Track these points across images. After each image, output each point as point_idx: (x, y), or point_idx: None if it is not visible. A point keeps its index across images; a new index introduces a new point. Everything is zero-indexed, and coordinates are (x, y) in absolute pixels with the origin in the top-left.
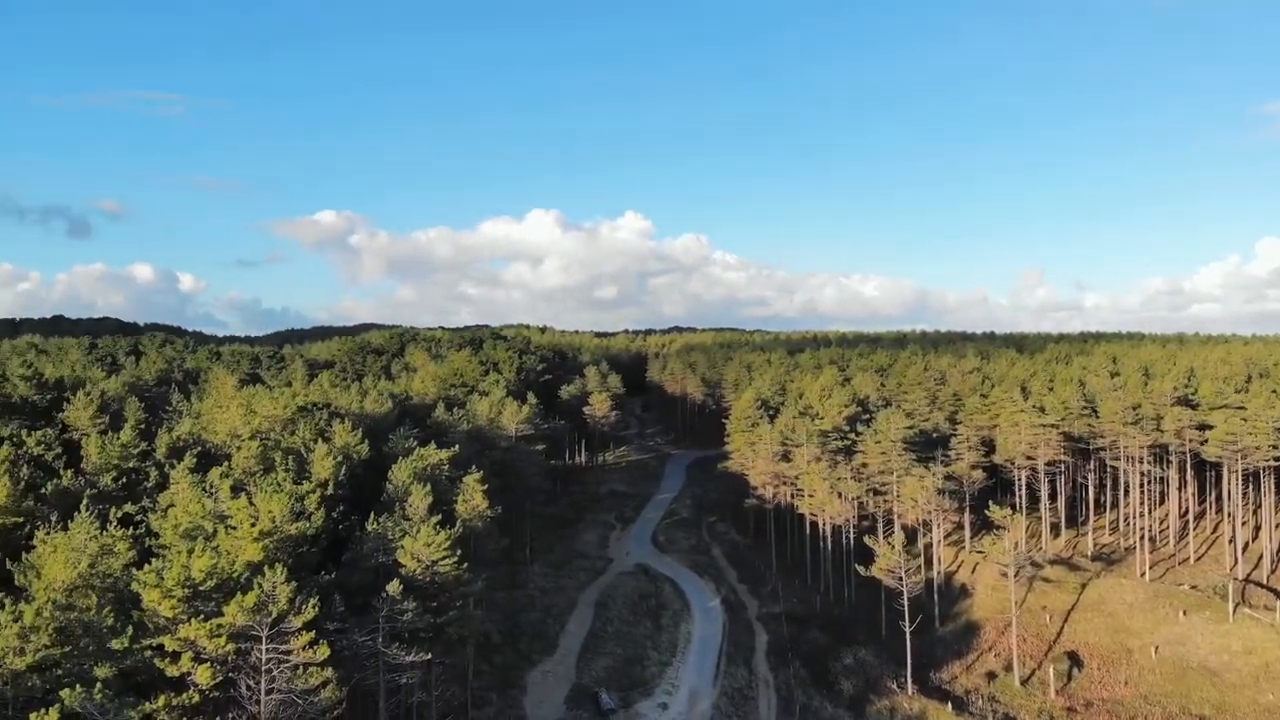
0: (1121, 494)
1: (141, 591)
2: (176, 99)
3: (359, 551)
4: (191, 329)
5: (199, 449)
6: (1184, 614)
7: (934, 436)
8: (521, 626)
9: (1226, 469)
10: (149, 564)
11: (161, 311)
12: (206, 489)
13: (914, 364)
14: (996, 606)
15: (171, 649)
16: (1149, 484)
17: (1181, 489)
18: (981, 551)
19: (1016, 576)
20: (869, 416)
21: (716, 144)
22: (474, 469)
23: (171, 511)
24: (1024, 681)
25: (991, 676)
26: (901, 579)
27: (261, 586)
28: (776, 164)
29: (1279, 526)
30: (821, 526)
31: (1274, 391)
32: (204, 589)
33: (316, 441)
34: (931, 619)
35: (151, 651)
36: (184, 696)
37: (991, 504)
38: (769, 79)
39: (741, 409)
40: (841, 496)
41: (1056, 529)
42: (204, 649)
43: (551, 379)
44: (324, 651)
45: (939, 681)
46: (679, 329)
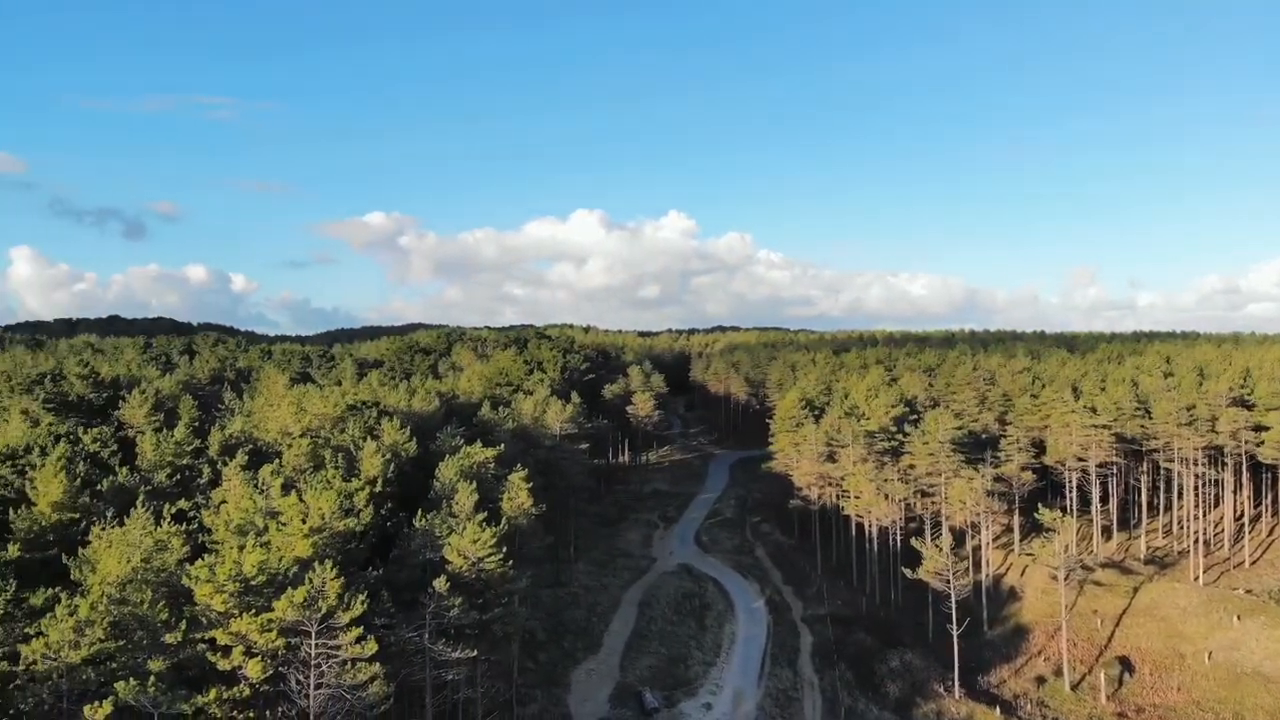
0: (1175, 496)
1: (194, 586)
2: (228, 102)
3: (406, 548)
4: (243, 329)
5: (251, 446)
6: (1238, 619)
7: (983, 437)
8: (566, 624)
9: None
10: (201, 559)
11: (214, 311)
12: (258, 486)
13: (963, 364)
14: (1046, 610)
15: (223, 643)
16: (1203, 486)
17: (1237, 491)
18: (1031, 554)
19: (1067, 580)
20: (916, 417)
21: (761, 142)
22: (519, 467)
23: (224, 508)
24: (1074, 686)
25: (1041, 681)
26: (949, 582)
27: (311, 582)
28: (822, 161)
29: None
30: (867, 528)
31: None
32: (255, 584)
33: (365, 439)
34: (980, 622)
35: (204, 645)
36: (235, 690)
37: (1041, 506)
38: (814, 74)
39: (786, 409)
40: (888, 498)
41: (1108, 532)
42: (255, 643)
43: (595, 378)
44: (372, 647)
45: (987, 685)
46: (722, 328)
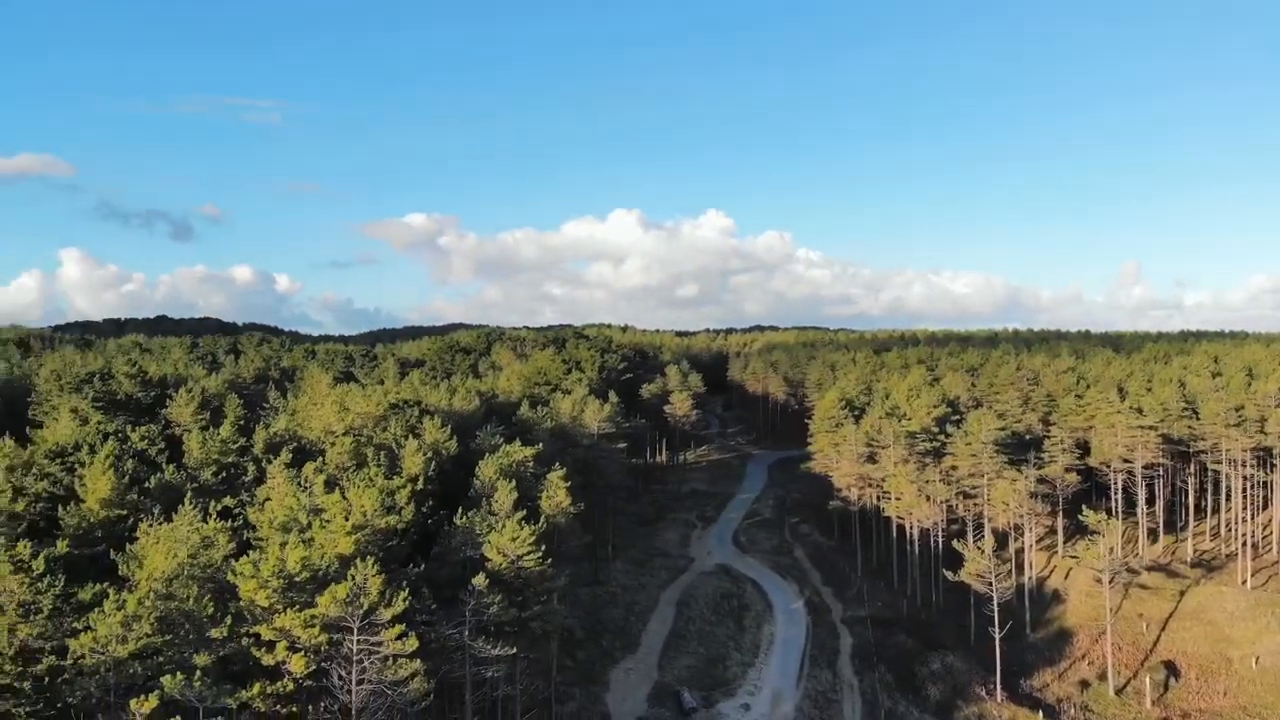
0: (1223, 498)
1: (238, 582)
2: (271, 105)
3: (447, 545)
4: (288, 328)
5: (295, 444)
6: None
7: (1026, 438)
8: (604, 623)
9: None
10: (246, 556)
11: (259, 311)
12: (302, 483)
13: (1006, 363)
14: (1090, 613)
15: (267, 638)
16: (1252, 488)
17: None
18: (1075, 557)
19: (1111, 583)
20: (959, 417)
21: (800, 139)
22: (557, 466)
23: (268, 505)
24: (1119, 691)
25: (1085, 685)
26: (991, 584)
27: (353, 579)
28: (861, 158)
29: None
30: (908, 529)
31: None
32: (298, 580)
33: (407, 438)
34: (1022, 625)
35: (248, 640)
36: (279, 685)
37: (1086, 508)
38: (853, 68)
39: (825, 409)
40: (930, 499)
41: (1154, 534)
42: (298, 639)
43: (632, 378)
44: (413, 643)
45: (1029, 689)
46: (760, 328)
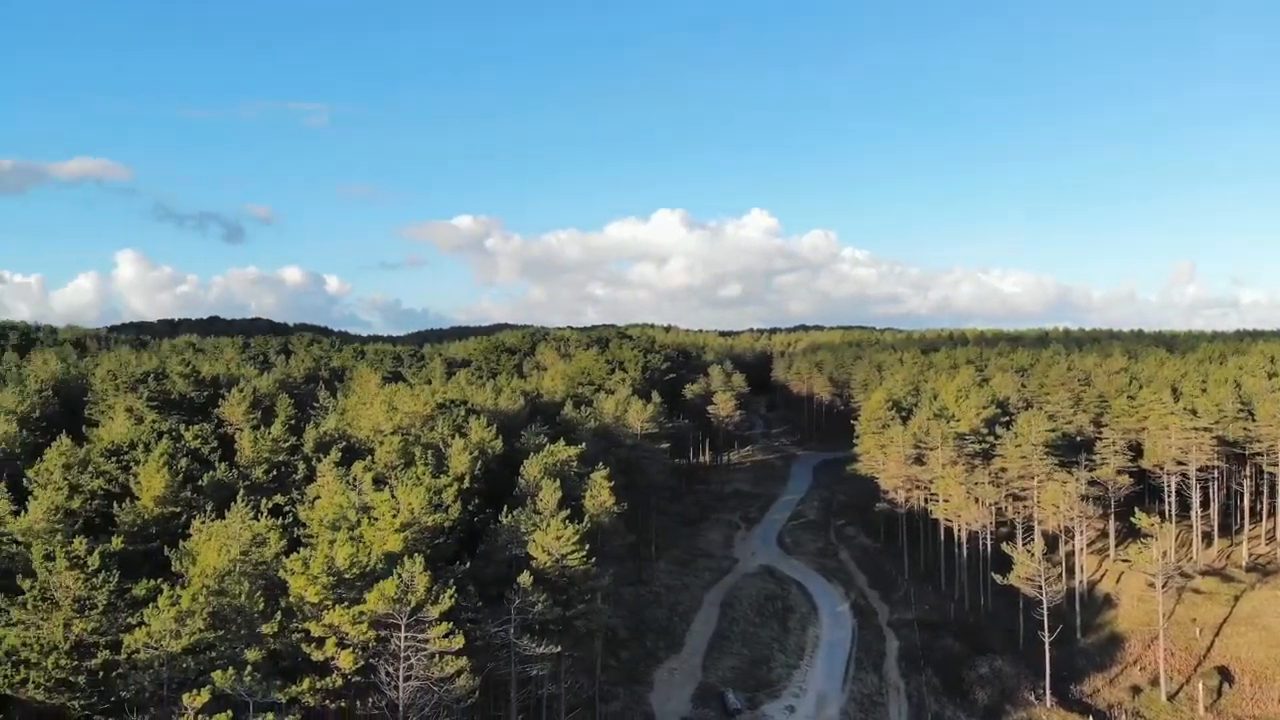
0: (1279, 501)
1: (289, 579)
2: (320, 108)
3: (493, 544)
4: (337, 329)
5: (344, 443)
6: None
7: (1077, 440)
8: (647, 623)
9: None
10: (296, 553)
11: (309, 312)
12: (351, 482)
13: (1056, 364)
14: (1142, 618)
15: (317, 634)
16: None
17: None
18: (1127, 560)
19: (1164, 587)
20: (1008, 419)
21: (845, 138)
22: (601, 466)
23: (318, 503)
24: (1171, 697)
25: (1136, 691)
26: (1041, 588)
27: (400, 576)
28: (908, 156)
29: None
30: (956, 532)
31: None
32: (347, 577)
33: (454, 437)
34: (1073, 629)
35: (298, 636)
36: (327, 680)
37: (1138, 511)
38: (899, 64)
39: (872, 410)
40: (978, 501)
41: (1208, 538)
42: (347, 635)
43: (675, 378)
44: (459, 641)
45: (1079, 694)
46: (805, 327)
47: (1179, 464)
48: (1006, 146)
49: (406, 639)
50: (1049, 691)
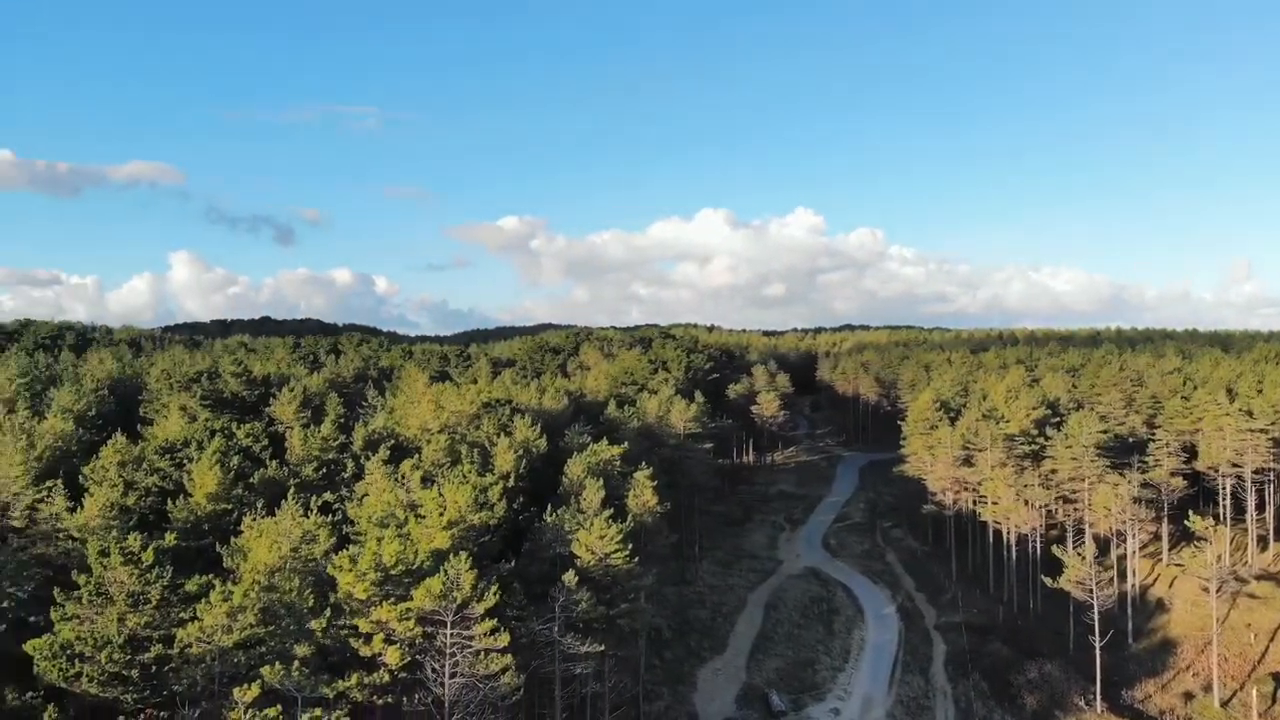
0: None
1: (337, 575)
2: (370, 111)
3: (537, 542)
4: (386, 329)
5: (392, 442)
6: None
7: (1130, 441)
8: (691, 623)
9: None
10: (345, 550)
11: (358, 313)
12: (399, 480)
13: (1109, 364)
14: (1196, 623)
15: (364, 630)
16: None
17: None
18: (1180, 564)
19: (1219, 592)
20: (1059, 420)
21: (891, 135)
22: (644, 465)
23: (366, 500)
24: (1224, 704)
25: (1189, 697)
26: (1092, 591)
27: (446, 573)
28: (956, 152)
29: None
30: (1005, 535)
31: None
32: (394, 574)
33: (499, 436)
34: (1124, 634)
35: (346, 632)
36: (374, 676)
37: (1192, 514)
38: (946, 59)
39: (919, 410)
40: (1028, 504)
41: (1264, 541)
42: (394, 631)
43: (719, 378)
44: (504, 638)
45: (1131, 700)
46: (850, 327)
47: (1234, 466)
48: (1058, 142)
49: (452, 636)
50: (1099, 697)
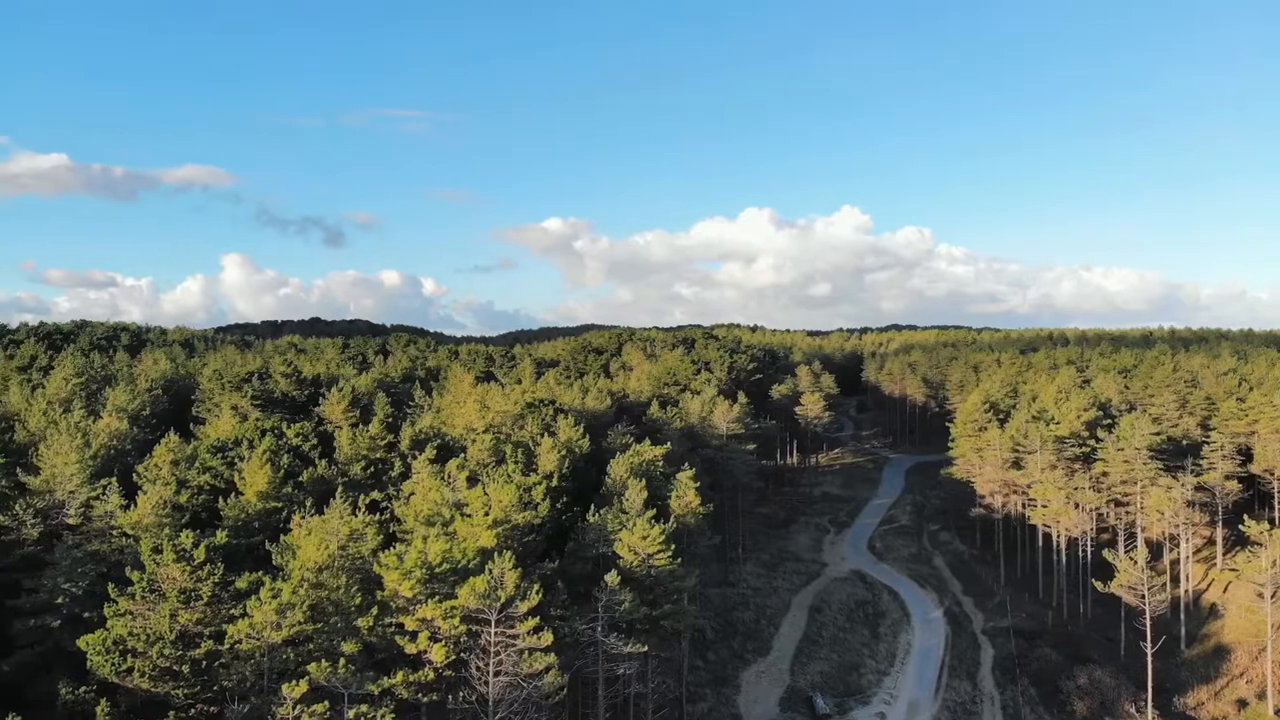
0: None
1: (383, 573)
2: (418, 115)
3: (580, 542)
4: (433, 330)
5: (439, 441)
6: None
7: (1183, 444)
8: (735, 625)
9: None
10: (391, 548)
11: (406, 314)
12: (445, 479)
13: (1162, 364)
14: (1250, 629)
15: (410, 628)
16: None
17: None
18: (1235, 570)
19: (1274, 597)
20: (1110, 422)
21: (939, 132)
22: (686, 466)
23: (413, 499)
24: (1278, 711)
25: (1242, 704)
26: (1144, 596)
27: (491, 572)
28: (1005, 150)
29: None
30: (1055, 538)
31: None
32: (439, 572)
33: (543, 436)
34: (1176, 640)
35: (392, 629)
36: (420, 674)
37: (1247, 518)
38: (994, 57)
39: (967, 412)
40: (1079, 507)
41: None
42: (439, 629)
43: (762, 379)
44: (548, 638)
45: (1183, 707)
46: (897, 327)
47: None
48: (1109, 140)
49: (496, 634)
50: (1150, 704)
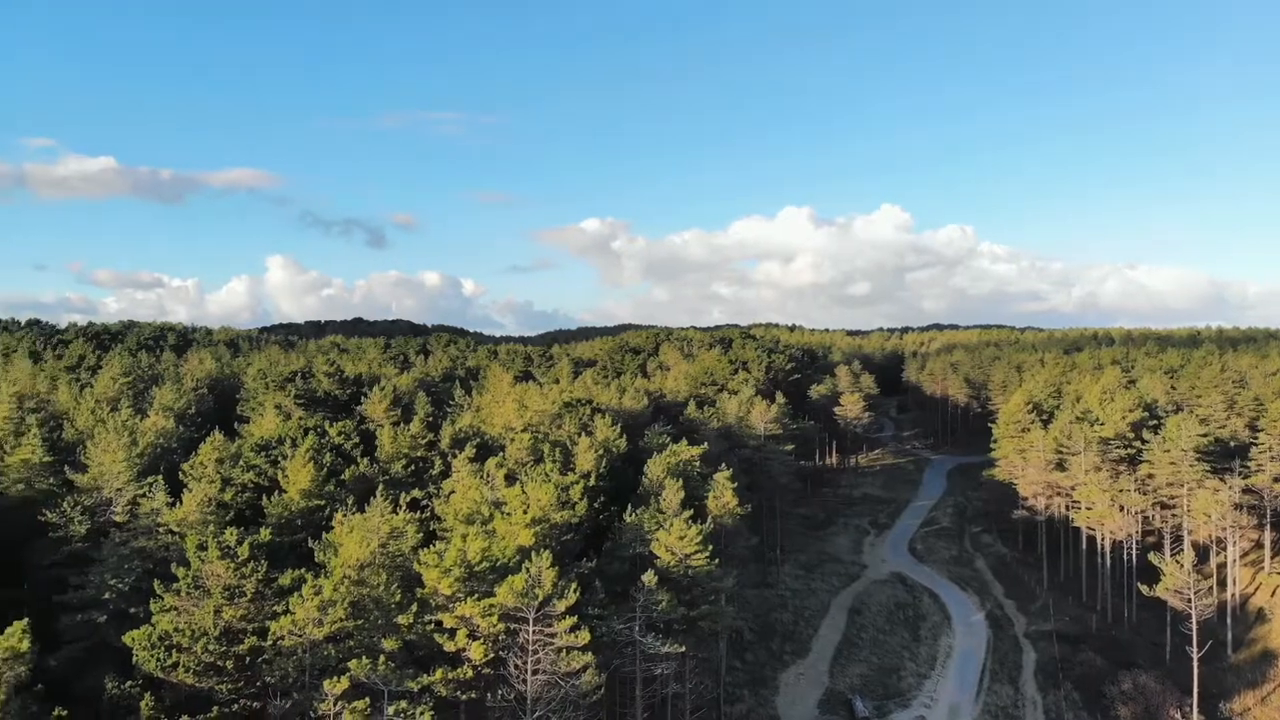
0: None
1: (423, 571)
2: (457, 117)
3: (618, 541)
4: (472, 330)
5: (478, 440)
6: None
7: (1231, 445)
8: (773, 626)
9: None
10: (431, 546)
11: (447, 314)
12: (484, 477)
13: (1209, 364)
14: None
15: (449, 626)
16: None
17: None
18: None
19: None
20: (1156, 423)
21: (980, 128)
22: (724, 466)
23: (453, 498)
24: None
25: None
26: (1190, 601)
27: (529, 570)
28: (1048, 145)
29: None
30: (1099, 541)
31: None
32: (478, 570)
33: (580, 435)
34: (1223, 645)
35: (432, 627)
36: (459, 671)
37: None
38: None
39: (1010, 413)
40: (1123, 509)
41: None
42: (478, 627)
43: (800, 378)
44: (585, 636)
45: (1229, 713)
46: (939, 326)
47: None
48: (1153, 136)
49: (534, 633)
50: (1196, 710)
